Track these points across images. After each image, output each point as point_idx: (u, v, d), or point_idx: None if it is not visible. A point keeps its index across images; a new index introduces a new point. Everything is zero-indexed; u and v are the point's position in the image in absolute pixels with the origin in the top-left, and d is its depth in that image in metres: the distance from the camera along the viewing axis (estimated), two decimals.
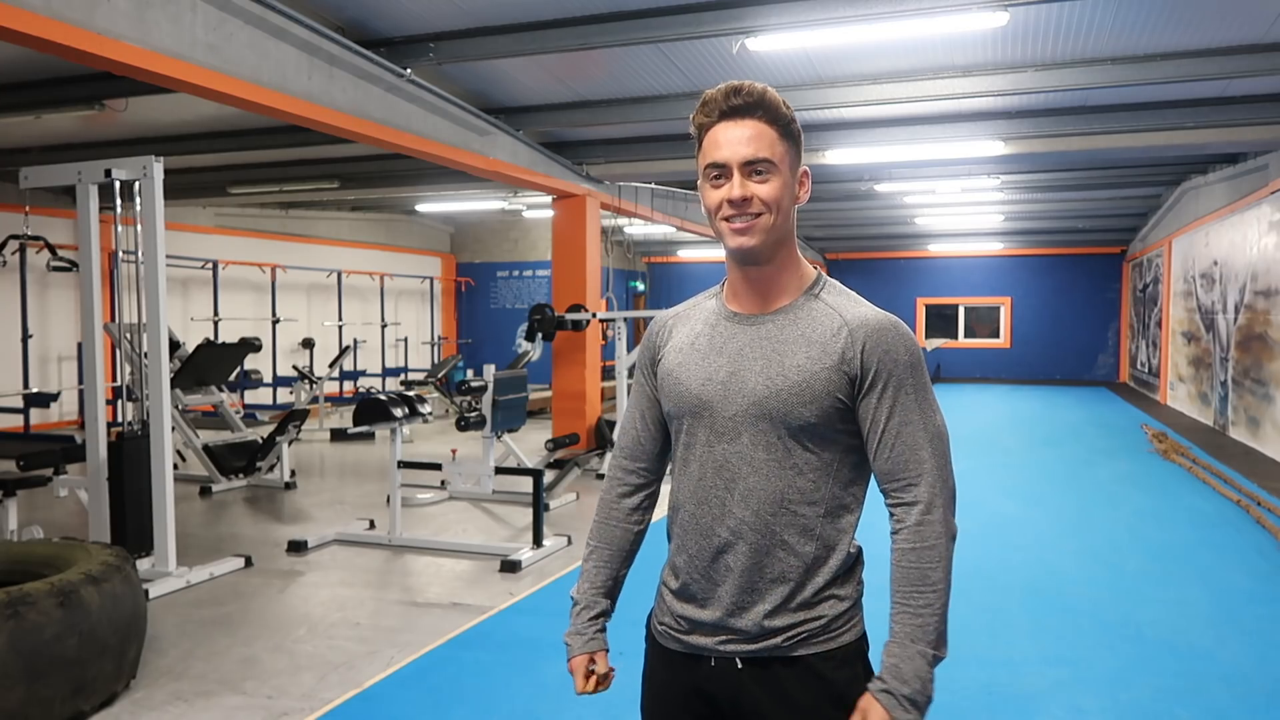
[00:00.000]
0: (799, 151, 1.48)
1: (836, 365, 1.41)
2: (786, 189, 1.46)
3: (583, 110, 7.79)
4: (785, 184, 1.45)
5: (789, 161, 1.45)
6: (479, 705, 3.46)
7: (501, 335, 16.25)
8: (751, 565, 1.45)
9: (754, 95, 1.43)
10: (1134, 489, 7.70)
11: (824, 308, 1.47)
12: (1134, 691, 3.56)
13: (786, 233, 1.49)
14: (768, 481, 1.44)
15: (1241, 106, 7.45)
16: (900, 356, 1.43)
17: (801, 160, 1.50)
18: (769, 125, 1.43)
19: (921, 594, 1.40)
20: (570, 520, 6.58)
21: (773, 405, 1.42)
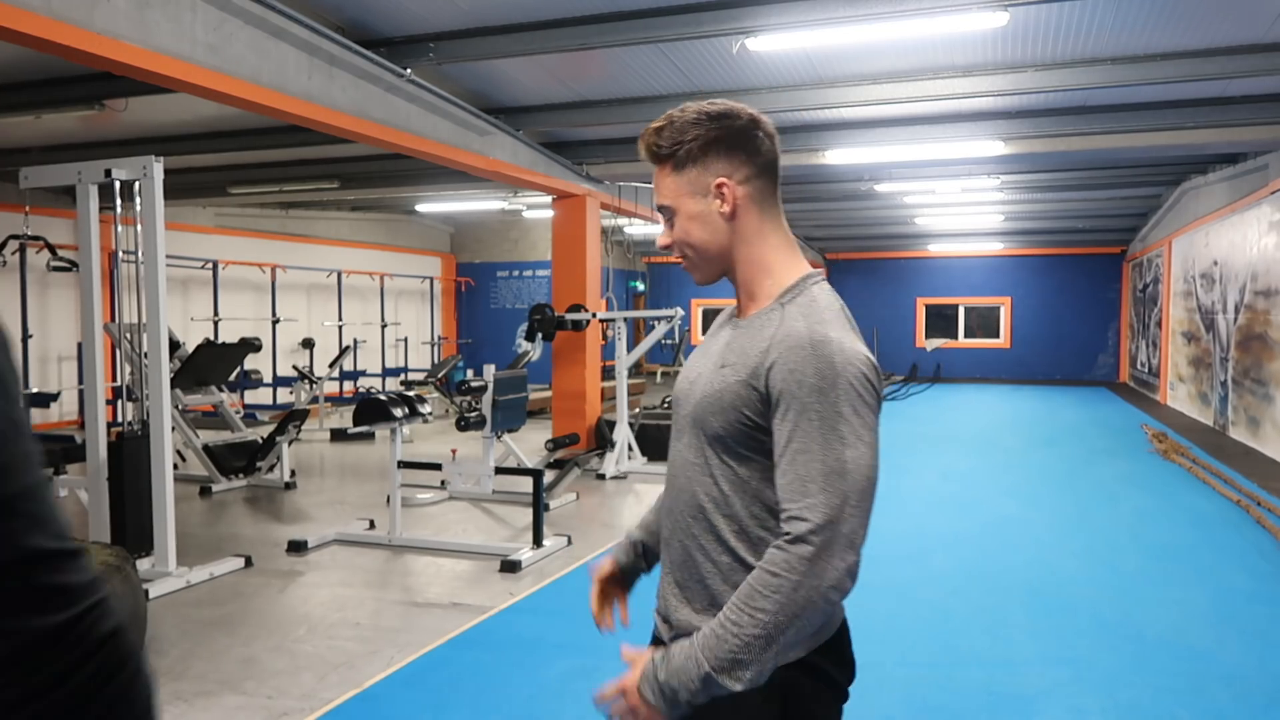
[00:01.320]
0: (700, 170, 1.43)
1: (747, 380, 1.36)
2: (696, 221, 1.44)
3: (583, 110, 7.79)
4: (691, 217, 1.44)
5: (687, 191, 1.44)
6: (479, 705, 3.46)
7: (501, 335, 16.25)
8: (681, 563, 1.47)
9: (647, 143, 1.47)
10: (1134, 489, 7.70)
11: (777, 319, 1.40)
12: (1134, 691, 3.56)
13: (726, 251, 1.46)
14: (690, 485, 1.45)
15: (1241, 106, 7.45)
16: (806, 379, 1.31)
17: (711, 172, 1.43)
18: (663, 166, 1.45)
19: (740, 612, 1.27)
20: (570, 520, 6.58)
21: (698, 411, 1.43)
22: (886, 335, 20.57)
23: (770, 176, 1.46)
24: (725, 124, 1.42)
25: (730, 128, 1.42)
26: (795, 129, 8.66)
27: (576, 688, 3.56)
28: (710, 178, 1.43)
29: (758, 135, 1.44)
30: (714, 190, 1.43)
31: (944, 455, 9.56)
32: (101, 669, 0.71)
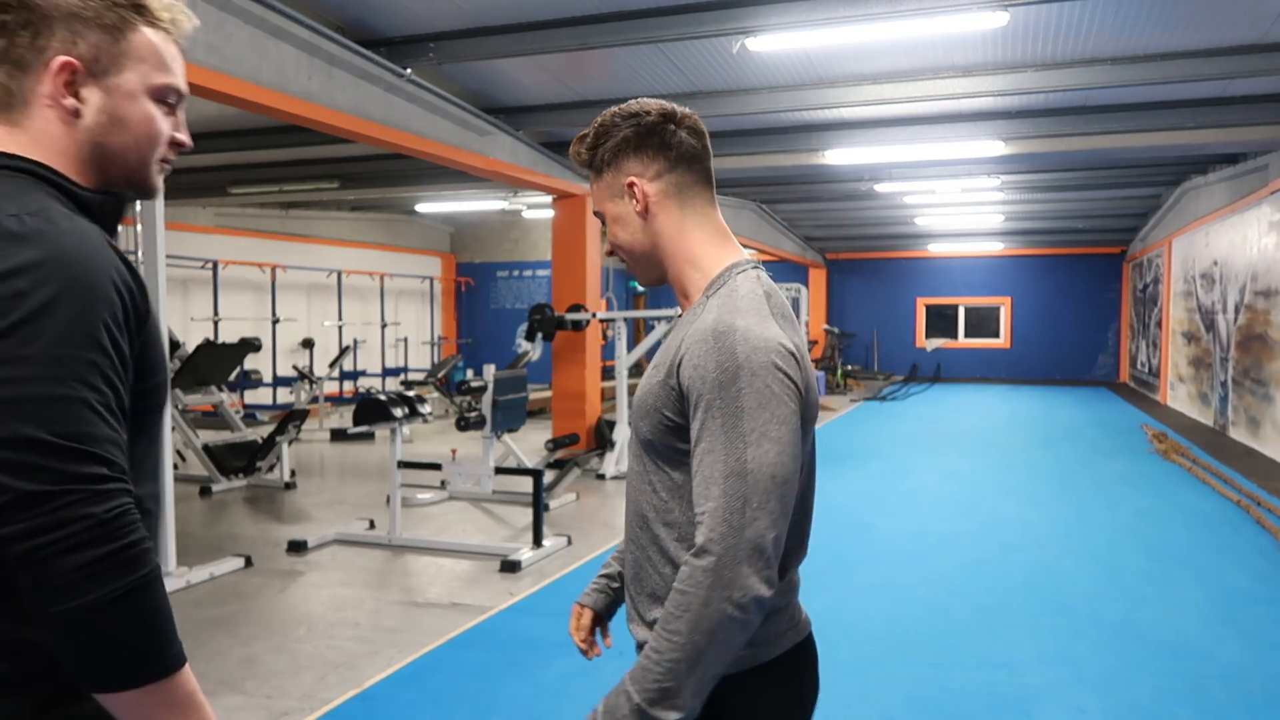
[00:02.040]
0: (614, 172, 1.41)
1: (665, 380, 1.31)
2: (618, 224, 1.43)
3: (583, 110, 7.79)
4: (615, 220, 1.43)
5: (607, 195, 1.43)
6: (479, 705, 3.46)
7: (501, 335, 16.25)
8: (634, 576, 1.42)
9: (573, 153, 1.46)
10: (1134, 489, 7.70)
11: (700, 313, 1.33)
12: (1134, 691, 3.56)
13: (651, 250, 1.43)
14: (634, 494, 1.41)
15: (1241, 106, 7.45)
16: (708, 373, 1.23)
17: (623, 173, 1.41)
18: (591, 173, 1.45)
19: (659, 638, 1.20)
20: (570, 520, 6.58)
21: (633, 417, 1.40)
22: (886, 335, 20.57)
23: (691, 169, 1.41)
24: (633, 123, 1.40)
25: (639, 126, 1.40)
26: (795, 129, 8.66)
27: (575, 688, 3.56)
28: (622, 179, 1.41)
29: (668, 129, 1.40)
30: (626, 191, 1.41)
31: (944, 455, 9.56)
32: (68, 538, 0.87)
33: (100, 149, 1.10)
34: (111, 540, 0.90)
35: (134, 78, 1.10)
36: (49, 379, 0.91)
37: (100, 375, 0.94)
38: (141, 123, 1.11)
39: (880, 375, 19.62)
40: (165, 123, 1.14)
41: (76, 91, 1.07)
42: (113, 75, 1.09)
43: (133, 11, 1.09)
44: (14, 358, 0.90)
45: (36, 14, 1.05)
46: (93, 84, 1.08)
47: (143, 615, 0.92)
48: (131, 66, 1.10)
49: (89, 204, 1.08)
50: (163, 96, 1.13)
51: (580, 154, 1.45)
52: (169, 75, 1.13)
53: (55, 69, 1.06)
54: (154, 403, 1.11)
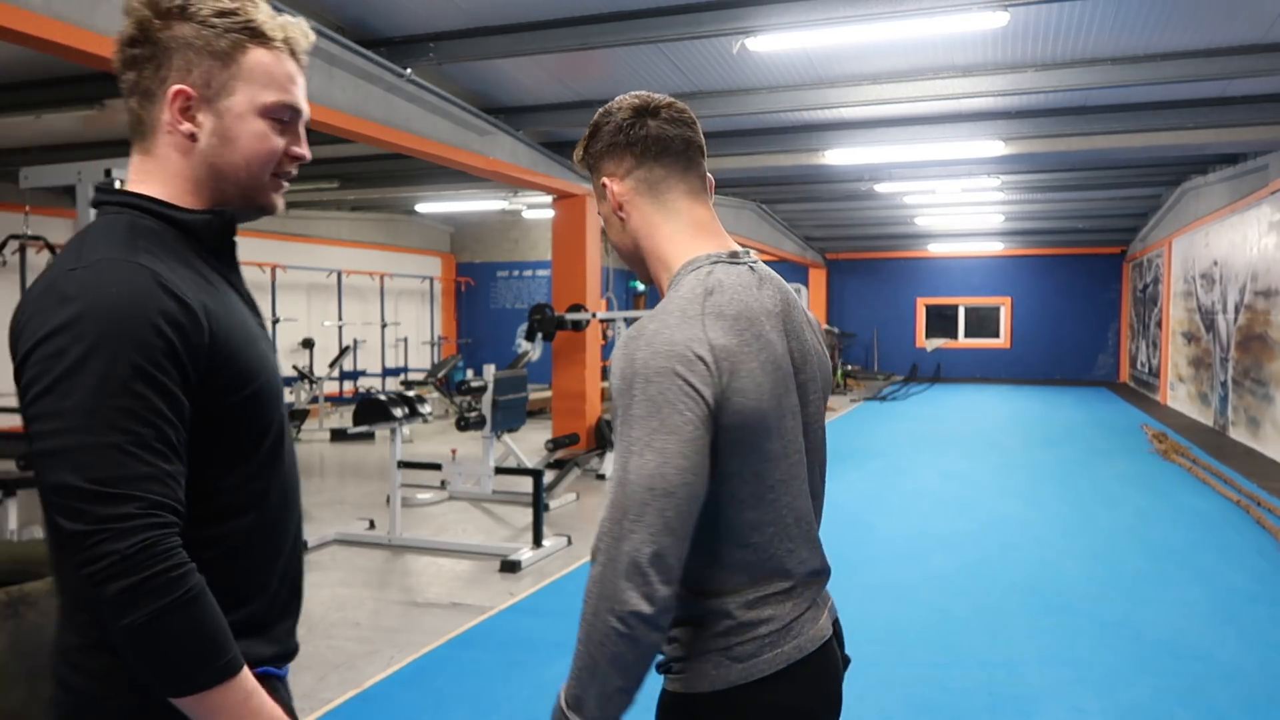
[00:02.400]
0: (597, 173, 1.41)
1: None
2: (607, 226, 1.44)
3: (583, 110, 7.79)
4: (605, 222, 1.44)
5: (597, 198, 1.43)
6: (479, 705, 3.46)
7: (501, 335, 16.25)
8: None
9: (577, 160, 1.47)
10: (1134, 489, 7.70)
11: None
12: (1134, 691, 3.56)
13: (635, 250, 1.41)
14: None
15: (1241, 106, 7.45)
16: (615, 380, 1.22)
17: (600, 175, 1.40)
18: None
19: (577, 643, 1.19)
20: (570, 520, 6.58)
21: None
22: (886, 335, 20.58)
23: (663, 160, 1.36)
24: (605, 122, 1.39)
25: (608, 125, 1.38)
26: (795, 129, 8.66)
27: None
28: (599, 181, 1.40)
29: (637, 122, 1.36)
30: (604, 193, 1.39)
31: (944, 455, 9.56)
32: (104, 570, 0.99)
33: (214, 169, 1.17)
34: (136, 572, 1.00)
35: (243, 99, 1.16)
36: (84, 429, 1.01)
37: (136, 418, 1.03)
38: (250, 140, 1.17)
39: (880, 375, 19.62)
40: (277, 139, 1.19)
41: (193, 117, 1.15)
42: (223, 98, 1.15)
43: (246, 35, 1.15)
44: (55, 412, 1.02)
45: (159, 47, 1.14)
46: (206, 108, 1.15)
47: (175, 635, 1.01)
48: (241, 88, 1.16)
49: (191, 225, 1.17)
50: (274, 114, 1.18)
51: (580, 158, 1.44)
52: (279, 93, 1.18)
53: (170, 97, 1.14)
54: (249, 417, 1.16)
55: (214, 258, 1.20)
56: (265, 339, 1.24)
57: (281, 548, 1.24)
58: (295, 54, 1.20)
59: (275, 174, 1.21)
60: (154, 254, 1.11)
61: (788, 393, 1.30)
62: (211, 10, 1.14)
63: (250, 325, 1.21)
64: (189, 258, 1.16)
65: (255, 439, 1.18)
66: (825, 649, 1.34)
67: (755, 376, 1.23)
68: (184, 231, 1.17)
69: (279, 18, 1.19)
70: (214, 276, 1.18)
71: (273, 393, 1.21)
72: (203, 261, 1.18)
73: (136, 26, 1.14)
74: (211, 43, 1.14)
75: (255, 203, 1.22)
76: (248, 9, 1.16)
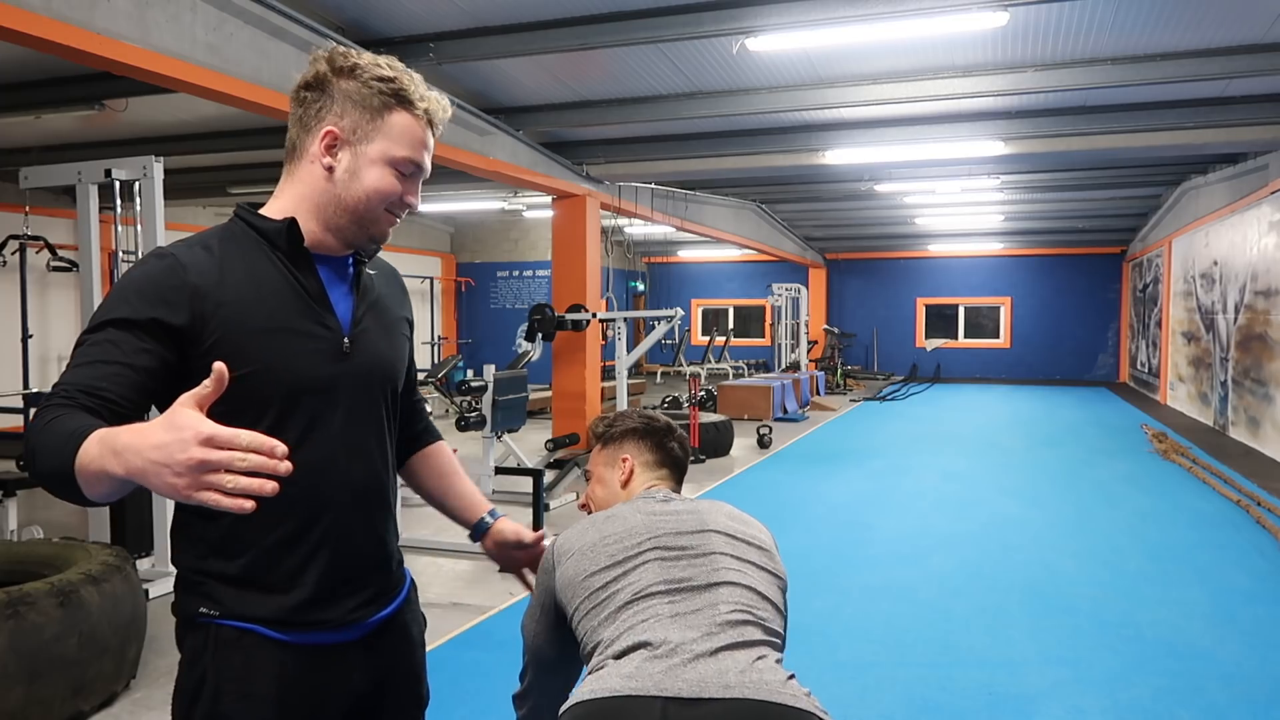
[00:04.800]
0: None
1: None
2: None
3: (583, 110, 7.79)
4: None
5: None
6: (479, 705, 3.46)
7: (501, 335, 16.25)
8: None
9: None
10: (1134, 489, 7.70)
11: None
12: (1134, 691, 3.56)
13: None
14: None
15: (1241, 106, 7.45)
16: None
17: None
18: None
19: None
20: (570, 520, 6.58)
21: None
22: (886, 335, 20.58)
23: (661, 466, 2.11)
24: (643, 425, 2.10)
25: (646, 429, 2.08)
26: (795, 129, 8.66)
27: None
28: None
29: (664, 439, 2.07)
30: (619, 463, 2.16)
31: (944, 455, 9.56)
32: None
33: (337, 199, 1.40)
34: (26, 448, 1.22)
35: (379, 148, 1.39)
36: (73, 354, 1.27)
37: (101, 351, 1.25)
38: (374, 180, 1.40)
39: (880, 375, 19.62)
40: (396, 183, 1.42)
41: (335, 153, 1.39)
42: (363, 144, 1.39)
43: (394, 99, 1.39)
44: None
45: (327, 92, 1.40)
46: (347, 149, 1.39)
47: (32, 454, 1.19)
48: (379, 139, 1.39)
49: (265, 231, 1.39)
50: (399, 166, 1.41)
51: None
52: (409, 150, 1.41)
53: (321, 134, 1.39)
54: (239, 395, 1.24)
55: (287, 259, 1.39)
56: (306, 335, 1.39)
57: (291, 517, 1.36)
58: (433, 124, 1.43)
59: (389, 211, 1.44)
60: (207, 247, 1.36)
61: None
62: (373, 75, 1.38)
63: (282, 318, 1.37)
64: (260, 256, 1.38)
65: (249, 419, 1.27)
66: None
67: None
68: (262, 235, 1.39)
69: (426, 91, 1.42)
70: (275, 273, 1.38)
71: (275, 381, 1.35)
72: (274, 261, 1.38)
73: (314, 75, 1.41)
74: (367, 100, 1.38)
75: (368, 231, 1.43)
76: (402, 80, 1.39)
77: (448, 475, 1.82)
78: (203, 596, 1.37)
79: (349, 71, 1.39)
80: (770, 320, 19.07)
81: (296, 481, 1.30)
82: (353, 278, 1.48)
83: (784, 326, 16.45)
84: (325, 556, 1.40)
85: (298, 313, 1.38)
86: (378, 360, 1.49)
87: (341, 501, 1.42)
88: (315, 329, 1.40)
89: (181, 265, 1.31)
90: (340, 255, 1.47)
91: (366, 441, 1.47)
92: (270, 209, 1.43)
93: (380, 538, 1.50)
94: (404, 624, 1.58)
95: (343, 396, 1.42)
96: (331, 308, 1.43)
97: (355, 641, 1.45)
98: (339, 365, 1.41)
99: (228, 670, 1.35)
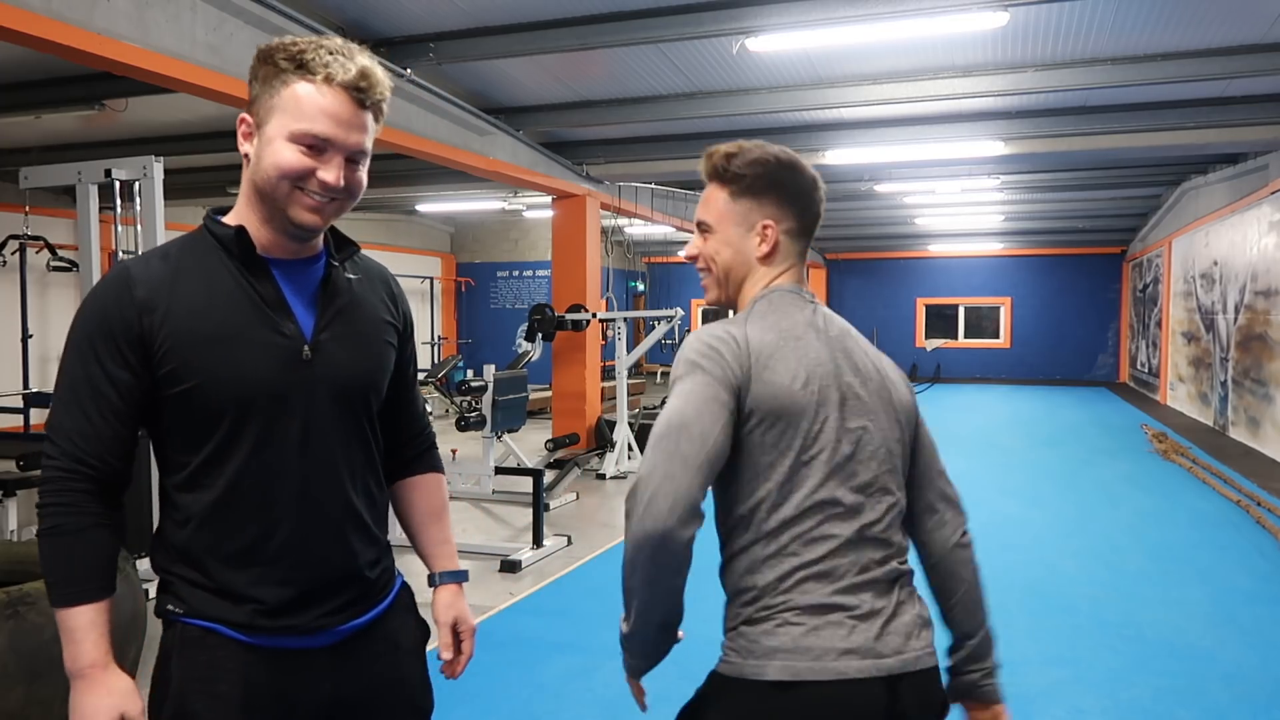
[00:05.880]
0: (752, 206, 1.54)
1: None
2: (729, 247, 1.56)
3: (583, 110, 7.79)
4: (727, 242, 1.56)
5: (733, 220, 1.54)
6: (479, 705, 3.46)
7: (501, 335, 16.25)
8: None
9: (715, 163, 1.57)
10: (1134, 489, 7.70)
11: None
12: (1134, 691, 3.56)
13: (741, 284, 1.60)
14: None
15: (1241, 106, 7.45)
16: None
17: (761, 212, 1.54)
18: (721, 187, 1.57)
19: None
20: (570, 520, 6.58)
21: None
22: (886, 335, 20.56)
23: (807, 235, 1.55)
24: (790, 175, 1.52)
25: (794, 180, 1.52)
26: (795, 129, 8.66)
27: (576, 688, 3.56)
28: (759, 217, 1.51)
29: (814, 196, 1.54)
30: (759, 229, 1.51)
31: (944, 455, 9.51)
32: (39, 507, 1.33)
33: (254, 184, 1.35)
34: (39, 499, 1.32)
35: (275, 124, 1.31)
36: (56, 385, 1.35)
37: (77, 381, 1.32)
38: (271, 157, 1.31)
39: None
40: (297, 160, 1.31)
41: (251, 140, 1.35)
42: (265, 124, 1.32)
43: (293, 70, 1.31)
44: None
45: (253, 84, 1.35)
46: (257, 132, 1.34)
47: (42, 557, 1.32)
48: (276, 115, 1.31)
49: (220, 237, 1.37)
50: (298, 140, 1.31)
51: (725, 169, 1.53)
52: (305, 122, 1.30)
53: (239, 124, 1.37)
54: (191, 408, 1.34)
55: (242, 265, 1.36)
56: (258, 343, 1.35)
57: (245, 529, 1.35)
58: (347, 89, 1.31)
59: (300, 190, 1.33)
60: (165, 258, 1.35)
61: (825, 399, 1.42)
62: (283, 52, 1.31)
63: (233, 326, 1.33)
64: (216, 264, 1.36)
65: (205, 429, 1.34)
66: (868, 683, 1.37)
67: (791, 369, 1.40)
68: (219, 242, 1.37)
69: (343, 58, 1.32)
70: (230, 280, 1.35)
71: (223, 392, 1.33)
72: (229, 268, 1.36)
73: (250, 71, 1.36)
74: (270, 77, 1.32)
75: (286, 215, 1.35)
76: (305, 49, 1.30)
77: (423, 516, 1.74)
78: (172, 595, 1.40)
79: (265, 56, 1.33)
80: None
81: (248, 494, 1.35)
82: (320, 281, 1.43)
83: None
84: (284, 568, 1.37)
85: (251, 320, 1.34)
86: (346, 367, 1.41)
87: (303, 514, 1.38)
88: (269, 336, 1.35)
89: (131, 280, 1.31)
90: (303, 258, 1.42)
91: (331, 452, 1.40)
92: (230, 215, 1.41)
93: (349, 549, 1.43)
94: (390, 631, 1.52)
95: (301, 406, 1.36)
96: (291, 313, 1.38)
97: (325, 648, 1.40)
98: (297, 373, 1.36)
99: (193, 669, 1.35)
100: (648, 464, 1.31)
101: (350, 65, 1.31)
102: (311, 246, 1.43)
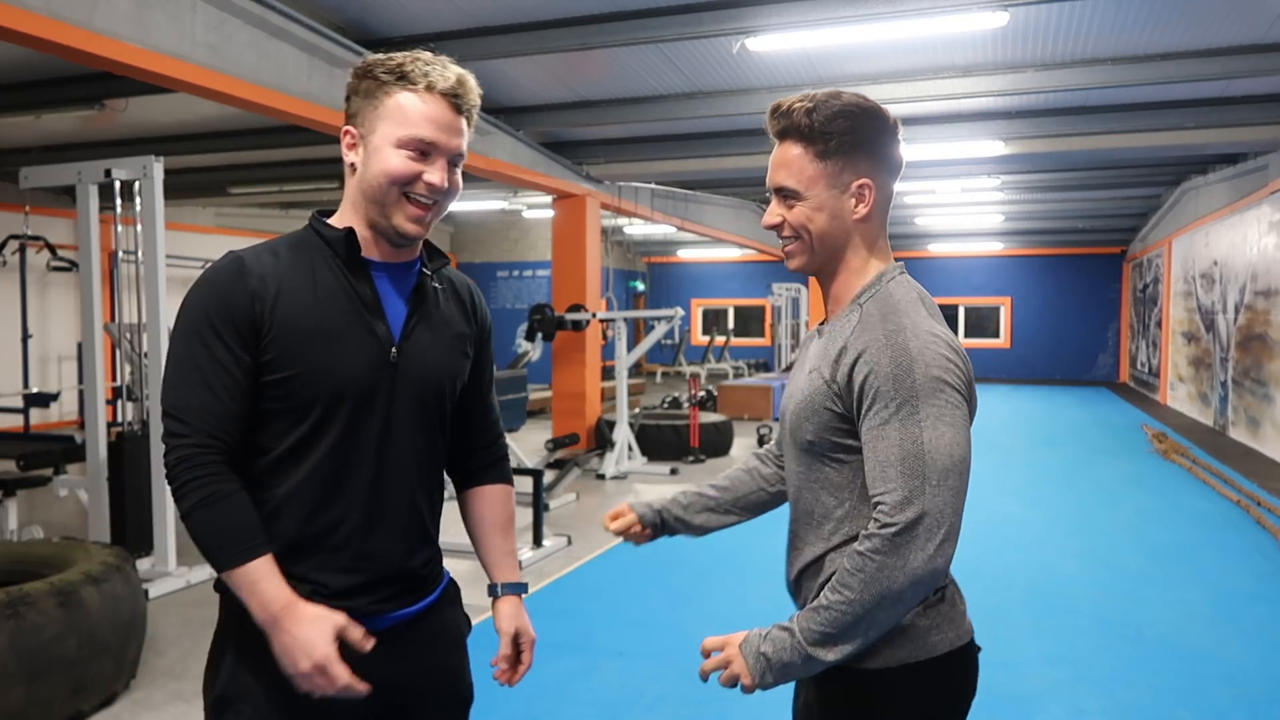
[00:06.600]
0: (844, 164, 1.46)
1: (830, 380, 1.40)
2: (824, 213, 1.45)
3: (583, 110, 7.79)
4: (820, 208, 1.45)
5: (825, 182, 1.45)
6: (479, 705, 3.45)
7: (501, 335, 16.25)
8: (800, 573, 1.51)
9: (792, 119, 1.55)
10: (1134, 489, 7.70)
11: (856, 317, 1.41)
12: (1134, 691, 3.56)
13: (840, 250, 1.47)
14: (800, 497, 1.50)
15: (1241, 106, 7.45)
16: (883, 368, 1.35)
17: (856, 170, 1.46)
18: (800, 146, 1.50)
19: (832, 592, 1.32)
20: (570, 520, 6.58)
21: (793, 422, 1.49)
22: None
23: (892, 186, 1.47)
24: (878, 124, 1.43)
25: (881, 130, 1.43)
26: None
27: (576, 688, 3.56)
28: (853, 176, 1.41)
29: (898, 142, 1.45)
30: (854, 189, 1.41)
31: None
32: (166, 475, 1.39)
33: (362, 191, 1.42)
34: (173, 481, 1.36)
35: (382, 133, 1.39)
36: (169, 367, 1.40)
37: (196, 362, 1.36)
38: (379, 164, 1.39)
39: None
40: (405, 165, 1.39)
41: (356, 150, 1.43)
42: (371, 134, 1.41)
43: (394, 81, 1.39)
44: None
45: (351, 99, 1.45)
46: (362, 142, 1.42)
47: (197, 529, 1.38)
48: (381, 124, 1.39)
49: (328, 238, 1.44)
50: (405, 146, 1.39)
51: (806, 125, 1.47)
52: (410, 128, 1.39)
53: (342, 136, 1.46)
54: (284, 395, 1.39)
55: (345, 266, 1.43)
56: (354, 340, 1.42)
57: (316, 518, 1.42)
58: (446, 96, 1.42)
59: (406, 196, 1.41)
60: (275, 253, 1.42)
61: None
62: (383, 66, 1.40)
63: (334, 322, 1.40)
64: (321, 263, 1.43)
65: (294, 420, 1.40)
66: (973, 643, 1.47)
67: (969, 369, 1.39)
68: (326, 243, 1.44)
69: (440, 68, 1.42)
70: (333, 279, 1.42)
71: (320, 382, 1.39)
72: (333, 268, 1.42)
73: (346, 90, 1.45)
74: (371, 90, 1.41)
75: (391, 220, 1.41)
76: (405, 62, 1.40)
77: (490, 527, 1.89)
78: None
79: (364, 72, 1.42)
80: (770, 320, 19.07)
81: (323, 485, 1.42)
82: (413, 288, 1.49)
83: (784, 326, 16.45)
84: (346, 558, 1.44)
85: (349, 318, 1.41)
86: (425, 372, 1.49)
87: (370, 509, 1.45)
88: (364, 335, 1.42)
89: (246, 268, 1.38)
90: (402, 262, 1.48)
91: (404, 452, 1.48)
92: (334, 218, 1.48)
93: (408, 547, 1.53)
94: (437, 623, 1.65)
95: (383, 405, 1.44)
96: (384, 315, 1.45)
97: (376, 633, 1.44)
98: (383, 373, 1.43)
99: (248, 643, 1.41)
100: (938, 500, 1.26)
101: (448, 74, 1.42)
102: (408, 252, 1.49)
